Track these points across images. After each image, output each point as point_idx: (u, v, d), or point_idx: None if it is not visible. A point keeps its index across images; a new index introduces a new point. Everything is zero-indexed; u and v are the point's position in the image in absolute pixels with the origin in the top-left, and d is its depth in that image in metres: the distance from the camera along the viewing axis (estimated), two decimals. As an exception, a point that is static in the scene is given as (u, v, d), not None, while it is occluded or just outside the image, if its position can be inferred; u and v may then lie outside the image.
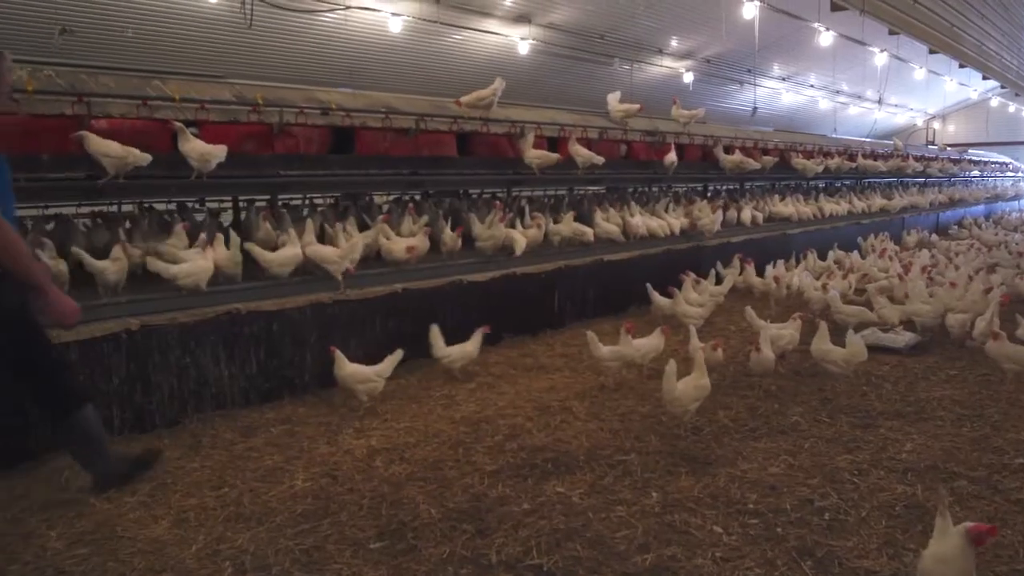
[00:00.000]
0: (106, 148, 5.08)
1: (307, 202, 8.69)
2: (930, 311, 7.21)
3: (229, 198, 7.70)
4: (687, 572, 3.19)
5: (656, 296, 7.67)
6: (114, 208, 7.87)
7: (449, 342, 6.02)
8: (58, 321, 3.77)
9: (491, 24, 14.12)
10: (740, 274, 9.18)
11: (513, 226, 8.10)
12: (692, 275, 8.19)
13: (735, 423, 4.99)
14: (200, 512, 3.79)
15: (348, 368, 5.29)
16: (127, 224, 6.66)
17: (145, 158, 5.24)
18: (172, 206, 8.14)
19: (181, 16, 11.15)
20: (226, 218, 8.09)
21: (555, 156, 8.36)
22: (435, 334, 6.05)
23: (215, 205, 8.63)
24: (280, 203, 8.00)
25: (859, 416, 5.12)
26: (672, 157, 10.09)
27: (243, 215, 7.46)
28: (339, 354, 5.30)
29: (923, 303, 7.36)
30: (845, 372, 5.76)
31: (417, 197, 9.62)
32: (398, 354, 5.48)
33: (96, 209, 7.90)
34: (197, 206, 8.46)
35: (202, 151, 5.59)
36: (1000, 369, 5.76)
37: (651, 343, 6.03)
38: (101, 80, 5.57)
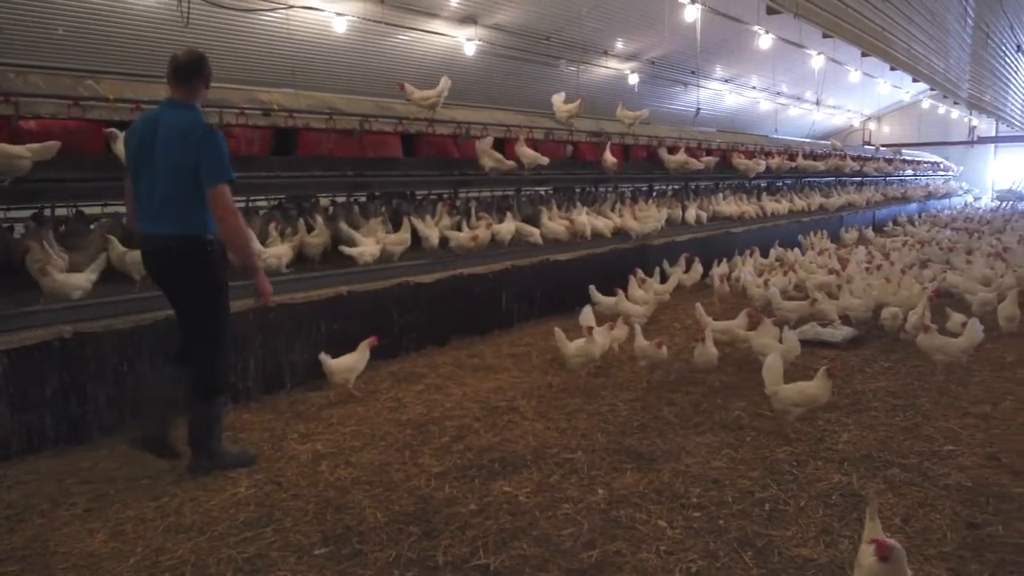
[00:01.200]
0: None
1: (248, 204, 8.52)
2: (861, 305, 7.54)
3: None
4: (632, 567, 3.23)
5: (599, 296, 7.66)
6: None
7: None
8: (260, 300, 4.35)
9: (437, 25, 14.05)
10: (685, 272, 9.35)
11: (460, 227, 8.09)
12: (640, 272, 8.30)
13: (679, 419, 5.08)
14: (138, 524, 3.68)
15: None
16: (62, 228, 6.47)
17: (52, 147, 4.96)
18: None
19: (115, 14, 10.81)
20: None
21: (510, 163, 8.36)
22: (587, 315, 6.57)
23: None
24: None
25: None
26: (609, 157, 10.15)
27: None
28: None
29: (855, 298, 7.66)
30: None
31: (363, 199, 9.55)
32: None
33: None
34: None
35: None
36: (931, 360, 6.01)
37: (600, 341, 6.08)
38: (30, 79, 5.40)
